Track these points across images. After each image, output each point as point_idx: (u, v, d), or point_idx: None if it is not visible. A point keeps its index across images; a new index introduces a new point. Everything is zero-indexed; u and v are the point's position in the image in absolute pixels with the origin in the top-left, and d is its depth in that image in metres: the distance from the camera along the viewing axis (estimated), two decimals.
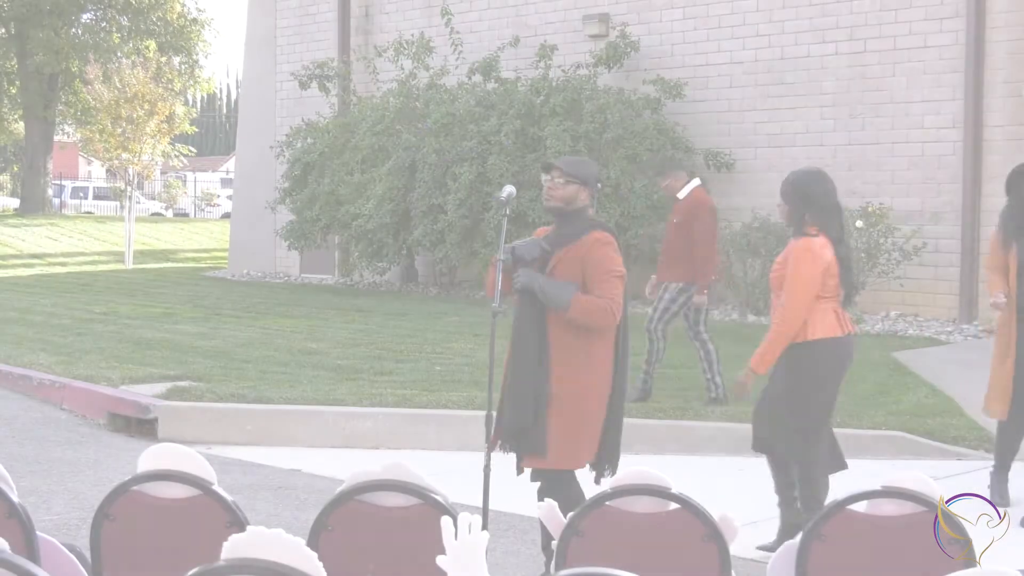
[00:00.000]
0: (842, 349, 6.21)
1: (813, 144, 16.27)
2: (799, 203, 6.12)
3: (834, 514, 3.60)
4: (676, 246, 9.90)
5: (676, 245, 9.90)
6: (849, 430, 8.98)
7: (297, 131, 20.27)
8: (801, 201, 6.12)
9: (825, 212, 6.13)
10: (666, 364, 11.79)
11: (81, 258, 27.58)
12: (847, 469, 6.50)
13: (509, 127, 16.79)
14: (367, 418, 9.48)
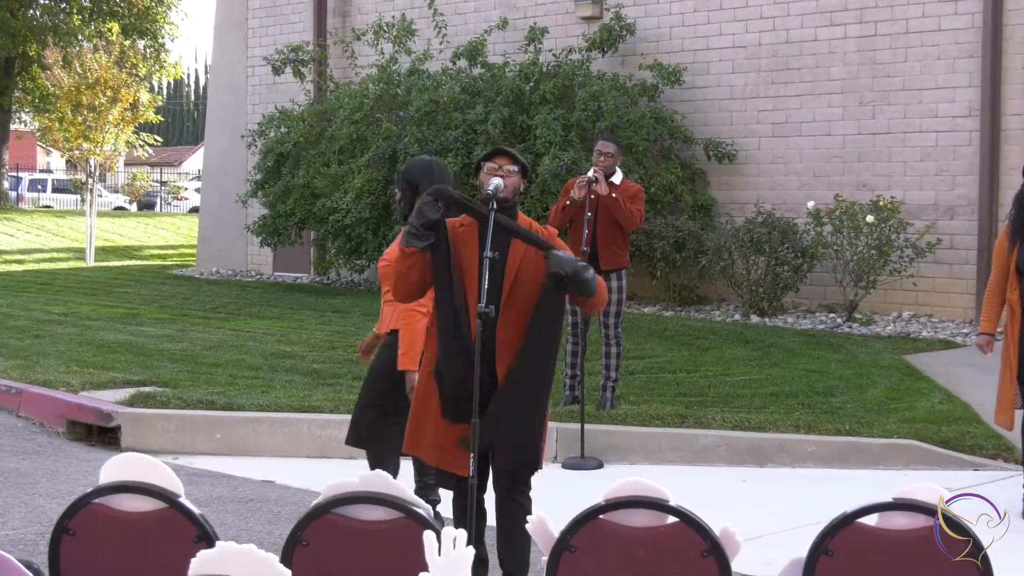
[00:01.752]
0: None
1: (820, 134, 16.29)
2: (408, 191, 6.54)
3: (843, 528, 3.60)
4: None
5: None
6: (858, 439, 9.01)
7: (270, 119, 20.24)
8: (410, 189, 6.53)
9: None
10: (664, 368, 11.81)
11: (39, 255, 27.52)
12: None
13: (496, 115, 16.79)
14: (345, 426, 9.44)
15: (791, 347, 12.99)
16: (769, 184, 16.78)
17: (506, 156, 5.46)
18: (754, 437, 9.15)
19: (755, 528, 7.08)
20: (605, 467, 9.01)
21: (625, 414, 9.55)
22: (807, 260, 15.08)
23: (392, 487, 3.63)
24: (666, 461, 9.16)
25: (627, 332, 12.96)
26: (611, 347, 9.78)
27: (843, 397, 10.40)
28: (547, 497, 5.53)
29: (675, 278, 16.70)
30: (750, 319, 15.31)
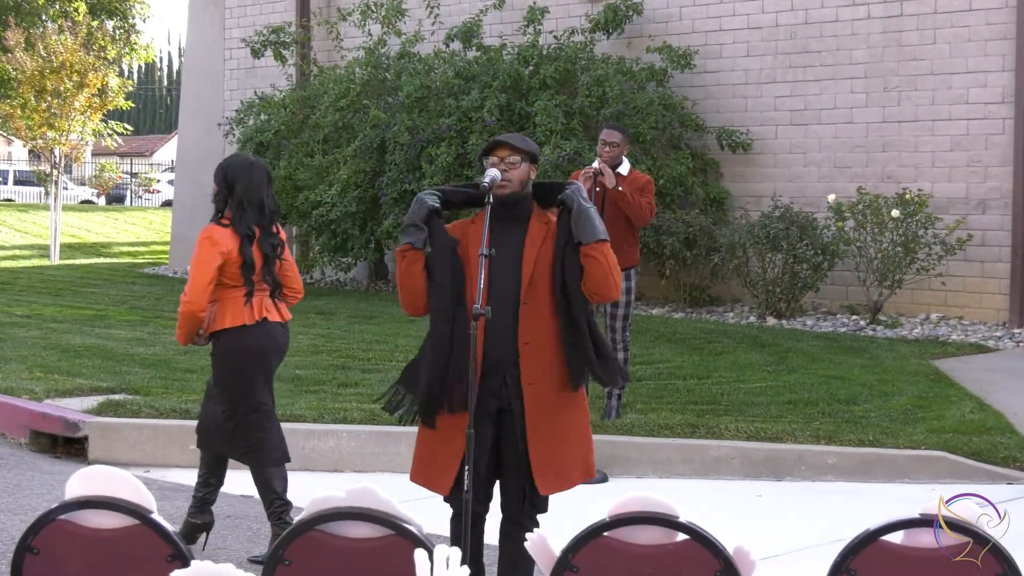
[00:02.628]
0: (252, 338, 6.98)
1: (841, 121, 16.30)
2: (224, 188, 6.98)
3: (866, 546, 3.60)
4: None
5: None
6: (883, 450, 9.02)
7: (249, 106, 20.24)
8: (226, 187, 6.97)
9: (242, 206, 6.95)
10: (674, 374, 11.81)
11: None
12: (289, 462, 7.19)
13: (493, 102, 16.80)
14: (329, 436, 9.47)
15: (810, 351, 13.00)
16: (787, 176, 16.79)
17: (506, 147, 5.42)
18: (771, 448, 9.15)
19: (771, 546, 7.09)
20: (610, 481, 9.01)
21: (631, 424, 9.56)
22: (828, 258, 15.09)
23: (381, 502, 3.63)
24: (675, 474, 9.16)
25: (634, 335, 12.95)
26: (617, 351, 9.77)
27: (867, 405, 10.41)
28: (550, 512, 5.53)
29: (685, 277, 16.71)
30: (766, 321, 15.32)
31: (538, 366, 5.34)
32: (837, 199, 15.18)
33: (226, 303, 6.96)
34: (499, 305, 5.23)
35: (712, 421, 9.65)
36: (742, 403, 10.43)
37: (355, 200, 17.93)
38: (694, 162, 17.02)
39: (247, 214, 6.94)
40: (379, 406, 5.45)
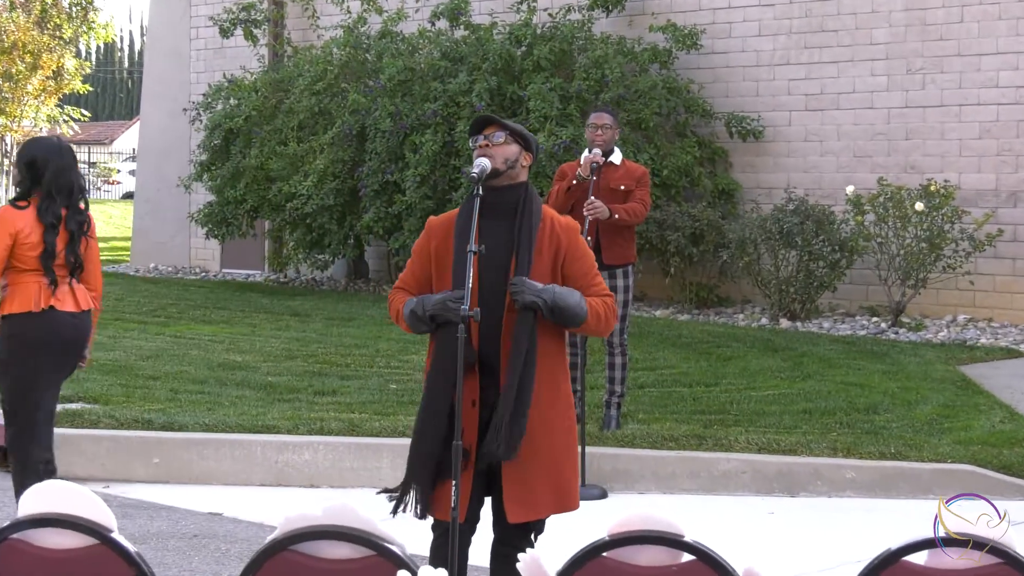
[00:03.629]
0: (33, 328, 7.21)
1: (861, 107, 16.31)
2: (30, 174, 7.25)
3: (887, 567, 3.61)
4: None
5: None
6: (906, 463, 9.03)
7: (217, 90, 20.22)
8: (34, 172, 7.23)
9: (51, 193, 7.22)
10: (679, 381, 11.82)
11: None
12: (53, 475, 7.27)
13: (482, 85, 16.80)
14: (304, 449, 9.47)
15: (827, 356, 13.01)
16: (802, 166, 16.80)
17: (493, 124, 5.43)
18: (784, 462, 9.16)
19: (785, 568, 7.10)
20: (609, 497, 9.02)
21: (633, 435, 9.56)
22: (846, 255, 15.10)
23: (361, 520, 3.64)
24: (681, 489, 9.17)
25: (635, 339, 12.95)
26: (616, 357, 9.78)
27: (888, 415, 10.42)
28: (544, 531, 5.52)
29: (691, 276, 16.72)
30: (779, 324, 15.33)
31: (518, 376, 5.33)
32: (856, 191, 15.19)
33: (17, 287, 7.21)
34: (484, 306, 5.23)
35: (720, 432, 9.65)
36: (753, 412, 10.44)
37: (332, 192, 17.92)
38: (701, 151, 17.02)
39: (55, 201, 7.22)
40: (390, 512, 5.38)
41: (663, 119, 16.92)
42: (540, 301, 5.20)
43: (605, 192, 9.47)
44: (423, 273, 5.45)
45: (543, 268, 5.32)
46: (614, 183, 9.55)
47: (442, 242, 5.40)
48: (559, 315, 5.24)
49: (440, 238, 5.41)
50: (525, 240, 5.31)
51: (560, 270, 5.35)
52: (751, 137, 16.99)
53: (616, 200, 9.51)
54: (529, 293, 5.20)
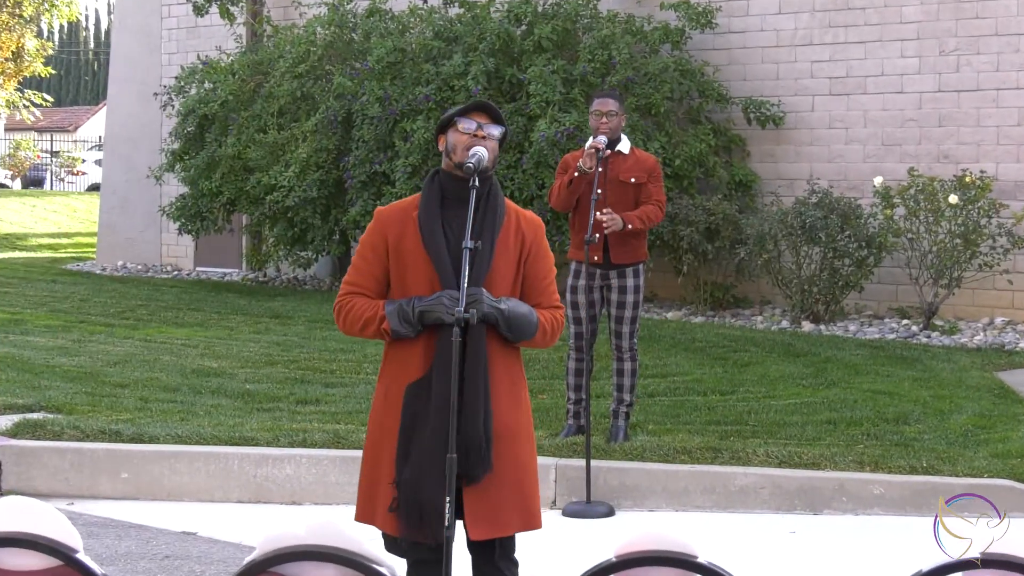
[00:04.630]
0: None
1: (890, 91, 16.32)
2: None
3: None
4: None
5: None
6: (938, 478, 9.02)
7: (191, 73, 20.22)
8: None
9: None
10: (692, 389, 11.83)
11: None
12: None
13: (479, 67, 16.80)
14: (286, 462, 9.47)
15: (853, 362, 13.02)
16: (826, 155, 16.80)
17: (488, 114, 5.45)
18: (806, 476, 9.17)
19: None
20: (617, 514, 9.02)
21: (642, 447, 9.57)
22: (874, 252, 15.10)
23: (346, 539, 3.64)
24: (694, 506, 9.18)
25: (645, 343, 12.96)
26: (624, 363, 9.78)
27: (919, 426, 10.42)
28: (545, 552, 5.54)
29: (706, 274, 16.72)
30: (801, 326, 15.33)
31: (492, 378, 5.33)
32: (885, 182, 15.19)
33: None
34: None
35: (737, 444, 9.66)
36: (773, 423, 10.44)
37: (316, 183, 17.92)
38: (716, 139, 17.03)
39: None
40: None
41: (675, 104, 16.92)
42: (497, 313, 5.22)
43: (613, 185, 9.46)
44: (382, 272, 5.41)
45: (508, 265, 5.33)
46: (623, 175, 9.54)
47: (400, 235, 5.38)
48: (513, 328, 5.27)
49: (397, 230, 5.39)
50: (487, 239, 5.32)
51: (522, 267, 5.36)
52: (771, 124, 16.99)
53: (626, 194, 9.50)
54: (487, 304, 5.22)
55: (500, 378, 5.32)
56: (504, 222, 5.36)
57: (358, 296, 5.40)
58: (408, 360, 5.32)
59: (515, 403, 5.38)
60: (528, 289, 5.38)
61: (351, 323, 5.38)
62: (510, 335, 5.28)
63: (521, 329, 5.28)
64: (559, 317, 5.41)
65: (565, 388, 9.95)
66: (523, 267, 5.37)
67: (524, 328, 5.28)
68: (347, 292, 5.43)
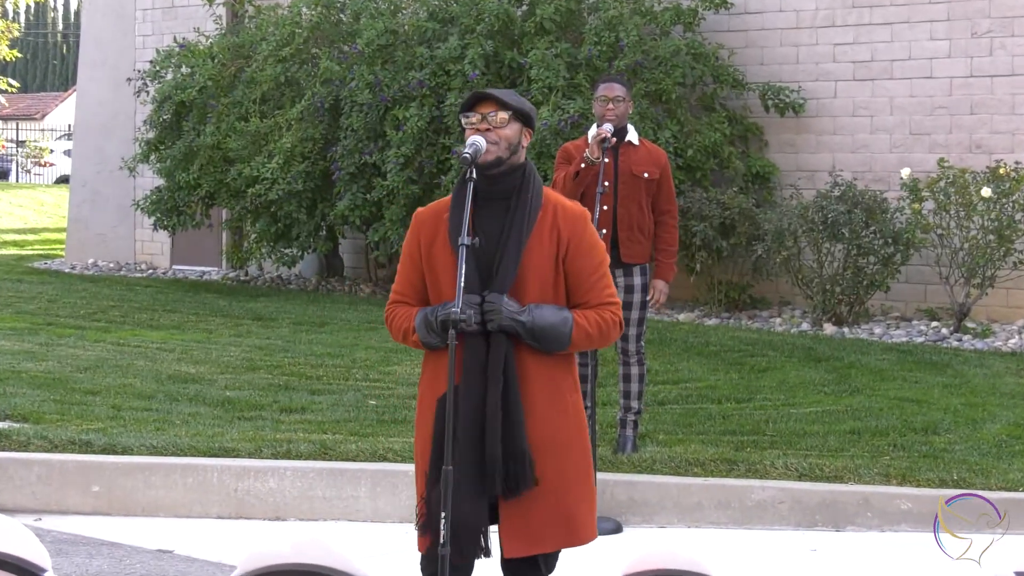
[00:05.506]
0: None
1: (919, 76, 16.31)
2: None
3: None
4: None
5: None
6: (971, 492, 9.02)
7: (167, 56, 20.21)
8: None
9: None
10: (706, 396, 11.83)
11: None
12: None
13: (476, 51, 16.79)
14: (269, 475, 9.47)
15: (879, 367, 13.02)
16: (849, 145, 16.81)
17: (491, 102, 5.44)
18: (828, 490, 9.17)
19: None
20: (624, 531, 9.03)
21: (652, 459, 9.57)
22: (901, 249, 15.10)
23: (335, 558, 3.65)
24: (708, 522, 9.18)
25: (654, 347, 12.97)
26: (632, 368, 9.77)
27: (950, 435, 10.42)
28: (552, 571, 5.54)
29: (721, 273, 16.72)
30: (823, 329, 15.33)
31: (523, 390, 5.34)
32: (913, 174, 15.19)
33: None
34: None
35: (754, 456, 9.66)
36: (792, 433, 10.44)
37: (302, 175, 17.90)
38: (732, 128, 17.03)
39: None
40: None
41: (687, 90, 16.92)
42: (518, 325, 5.22)
43: (626, 178, 9.46)
44: (419, 278, 5.44)
45: (543, 266, 5.33)
46: (636, 168, 9.53)
47: (432, 237, 5.40)
48: (540, 339, 5.26)
49: (429, 233, 5.42)
50: (515, 239, 5.32)
51: (562, 266, 5.36)
52: (790, 111, 16.99)
53: (638, 189, 9.51)
54: (505, 315, 5.22)
55: (538, 387, 5.33)
56: (539, 219, 5.37)
57: (401, 305, 5.48)
58: (440, 370, 5.36)
59: (559, 412, 5.38)
60: (574, 287, 5.37)
61: (395, 335, 5.51)
62: (538, 346, 5.29)
63: (552, 339, 5.28)
64: (609, 316, 5.39)
65: None
66: (563, 265, 5.36)
67: (556, 338, 5.28)
68: (392, 301, 5.55)
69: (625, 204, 9.47)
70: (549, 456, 5.33)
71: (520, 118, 5.43)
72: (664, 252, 9.77)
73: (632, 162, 9.53)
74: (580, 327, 5.31)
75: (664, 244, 9.76)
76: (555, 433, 5.35)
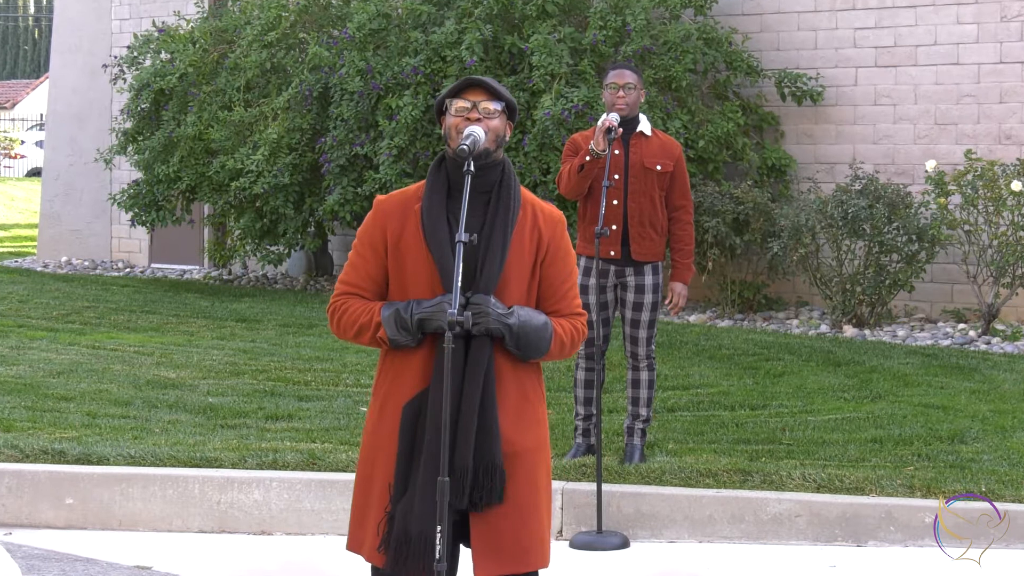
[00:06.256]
0: None
1: (945, 62, 16.30)
2: None
3: None
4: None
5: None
6: (1002, 504, 9.01)
7: (146, 41, 20.20)
8: None
9: None
10: (718, 403, 11.83)
11: None
12: None
13: (474, 36, 16.78)
14: (254, 487, 9.47)
15: (902, 372, 13.02)
16: (871, 135, 16.80)
17: (482, 90, 5.45)
18: (848, 503, 9.17)
19: None
20: (632, 546, 9.03)
21: (661, 469, 9.57)
22: (926, 246, 15.09)
23: None
24: (720, 537, 9.18)
25: (663, 350, 12.97)
26: (641, 372, 9.77)
27: (978, 445, 10.41)
28: None
29: (734, 272, 16.72)
30: (843, 331, 15.33)
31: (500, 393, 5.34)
32: (938, 167, 15.19)
33: None
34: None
35: (770, 466, 9.66)
36: (810, 442, 10.44)
37: (288, 168, 17.90)
38: (746, 117, 17.03)
39: None
40: None
41: (699, 78, 16.92)
42: (504, 328, 5.23)
43: (637, 171, 9.45)
44: (380, 271, 5.42)
45: (522, 268, 5.34)
46: (648, 160, 9.52)
47: (400, 230, 5.38)
48: (523, 345, 5.27)
49: (397, 224, 5.40)
50: (498, 236, 5.32)
51: (538, 270, 5.37)
52: (808, 100, 16.99)
53: (650, 183, 9.51)
54: (493, 317, 5.22)
55: (508, 394, 5.32)
56: (519, 217, 5.37)
57: (353, 298, 5.42)
58: (406, 372, 5.34)
59: (527, 423, 5.36)
60: (545, 294, 5.38)
61: (345, 328, 5.40)
62: (518, 352, 5.29)
63: (533, 345, 5.28)
64: (579, 326, 5.41)
65: (573, 402, 9.94)
66: (539, 269, 5.37)
67: (536, 344, 5.28)
68: (341, 293, 5.45)
69: (636, 199, 9.47)
70: (518, 467, 5.32)
71: (507, 111, 5.45)
72: (680, 252, 9.76)
73: (644, 154, 9.52)
74: (557, 335, 5.34)
75: (680, 243, 9.75)
76: (521, 445, 5.34)
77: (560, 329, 5.34)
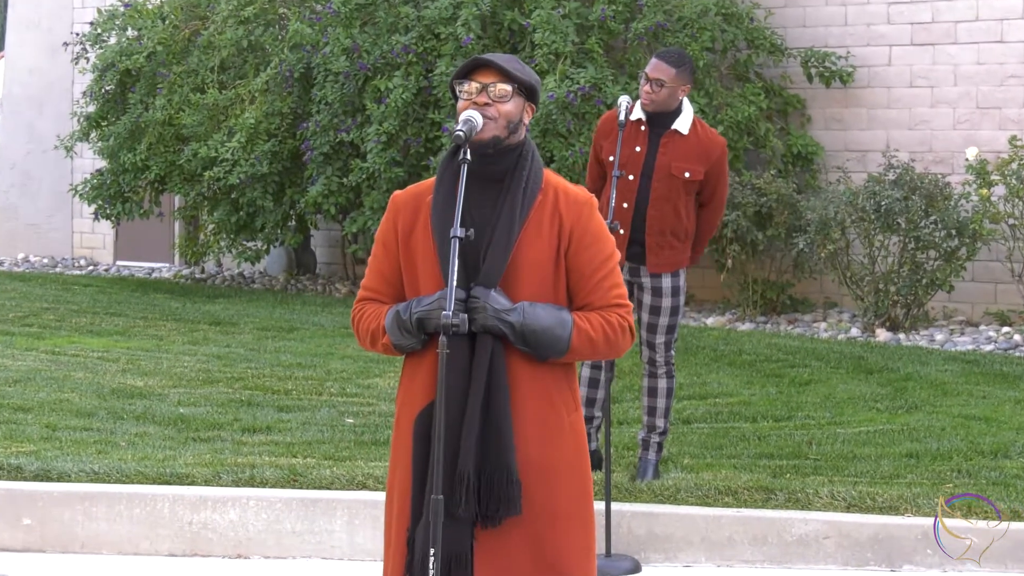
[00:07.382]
0: None
1: (987, 39, 16.31)
2: None
3: None
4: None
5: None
6: None
7: (110, 17, 20.19)
8: None
9: None
10: (739, 414, 11.84)
11: None
12: None
13: (470, 12, 16.78)
14: (229, 506, 9.47)
15: (940, 380, 13.02)
16: (906, 120, 16.81)
17: (492, 70, 5.43)
18: (882, 524, 9.17)
19: None
20: (644, 571, 9.04)
21: (676, 487, 9.57)
22: (966, 242, 15.10)
23: None
24: (741, 560, 9.19)
25: (678, 356, 12.97)
26: (659, 380, 9.74)
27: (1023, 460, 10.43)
28: None
29: (757, 270, 16.73)
30: (875, 335, 15.34)
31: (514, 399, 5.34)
32: (980, 155, 15.19)
33: None
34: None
35: (795, 483, 9.67)
36: (840, 456, 10.45)
37: (267, 156, 17.90)
38: (769, 100, 17.04)
39: None
40: None
41: (717, 57, 16.94)
42: (504, 325, 5.22)
43: (662, 175, 9.30)
44: (394, 271, 5.43)
45: (541, 258, 5.32)
46: (676, 165, 9.31)
47: (412, 224, 5.39)
48: (531, 343, 5.25)
49: (409, 219, 5.41)
50: (504, 226, 5.31)
51: (564, 260, 5.35)
52: (837, 81, 17.01)
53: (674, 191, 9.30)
54: (490, 313, 5.22)
55: (526, 398, 5.30)
56: (536, 204, 5.35)
57: (370, 303, 5.44)
58: (416, 381, 5.37)
59: (550, 433, 5.34)
60: (576, 285, 5.35)
61: (363, 338, 5.47)
62: (529, 351, 5.27)
63: (545, 344, 5.25)
64: (616, 321, 5.36)
65: None
66: (564, 259, 5.34)
67: (549, 342, 5.26)
68: (360, 299, 5.50)
69: (658, 205, 9.35)
70: (538, 482, 5.31)
71: (524, 92, 5.41)
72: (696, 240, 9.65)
73: (673, 156, 9.35)
74: (581, 331, 5.28)
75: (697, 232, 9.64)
76: (546, 455, 5.32)
77: (586, 324, 5.30)
